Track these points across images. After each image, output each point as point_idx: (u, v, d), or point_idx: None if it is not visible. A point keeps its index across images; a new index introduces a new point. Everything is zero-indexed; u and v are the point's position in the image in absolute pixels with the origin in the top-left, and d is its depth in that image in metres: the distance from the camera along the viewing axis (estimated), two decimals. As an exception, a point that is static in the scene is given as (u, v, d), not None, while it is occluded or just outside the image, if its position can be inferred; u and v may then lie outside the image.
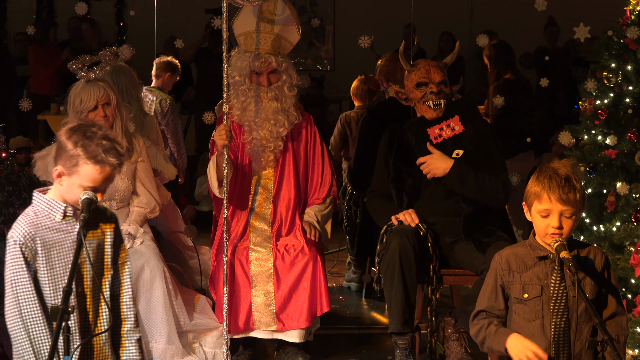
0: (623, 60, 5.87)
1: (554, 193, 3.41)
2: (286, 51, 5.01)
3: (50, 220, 3.37)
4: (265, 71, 4.93)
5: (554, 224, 3.42)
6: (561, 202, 3.41)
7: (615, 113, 5.87)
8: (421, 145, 4.81)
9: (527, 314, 3.49)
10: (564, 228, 3.43)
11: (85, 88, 4.82)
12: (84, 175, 3.26)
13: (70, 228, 3.37)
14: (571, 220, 3.45)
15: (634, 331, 4.54)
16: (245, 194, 5.02)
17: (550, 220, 3.43)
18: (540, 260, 3.51)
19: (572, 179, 3.46)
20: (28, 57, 10.24)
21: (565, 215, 3.43)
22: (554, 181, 3.44)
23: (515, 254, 3.58)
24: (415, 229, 4.69)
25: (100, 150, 3.22)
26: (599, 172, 5.86)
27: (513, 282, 3.55)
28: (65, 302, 3.09)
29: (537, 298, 3.48)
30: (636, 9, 5.85)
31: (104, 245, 3.40)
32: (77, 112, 4.77)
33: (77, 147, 3.24)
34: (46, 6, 11.27)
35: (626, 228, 5.02)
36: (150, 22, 6.47)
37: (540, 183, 3.47)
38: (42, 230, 3.36)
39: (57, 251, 3.36)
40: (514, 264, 3.57)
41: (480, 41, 5.75)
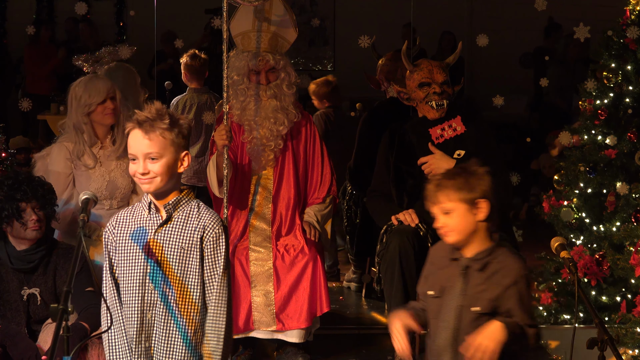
0: (623, 60, 5.87)
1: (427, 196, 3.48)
2: (284, 50, 5.01)
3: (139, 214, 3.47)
4: (263, 69, 4.93)
5: (438, 224, 3.43)
6: (432, 202, 3.45)
7: (615, 113, 5.87)
8: (423, 146, 4.81)
9: (431, 311, 3.50)
10: (449, 224, 3.41)
11: (92, 82, 4.79)
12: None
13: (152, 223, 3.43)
14: (451, 217, 3.41)
15: (633, 331, 4.54)
16: (244, 194, 5.02)
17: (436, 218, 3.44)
18: (451, 262, 3.48)
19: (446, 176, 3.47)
20: (24, 57, 10.25)
21: (444, 212, 3.42)
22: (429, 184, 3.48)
23: (442, 249, 3.56)
24: (415, 229, 4.69)
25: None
26: (599, 172, 5.86)
27: (428, 275, 3.57)
28: (65, 302, 3.09)
29: (438, 298, 3.47)
30: (636, 9, 5.85)
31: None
32: (84, 106, 4.71)
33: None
34: (46, 6, 11.26)
35: (626, 228, 5.03)
36: (150, 22, 6.48)
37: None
38: (126, 223, 3.46)
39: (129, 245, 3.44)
40: (436, 257, 3.58)
41: (479, 41, 5.75)
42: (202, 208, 3.45)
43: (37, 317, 4.36)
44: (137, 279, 3.39)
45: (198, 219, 3.41)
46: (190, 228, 3.39)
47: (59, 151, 4.75)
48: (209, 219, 3.41)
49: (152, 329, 3.41)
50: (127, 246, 3.42)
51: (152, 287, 3.38)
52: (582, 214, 5.94)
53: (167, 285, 3.36)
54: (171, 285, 3.37)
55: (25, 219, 4.29)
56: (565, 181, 6.08)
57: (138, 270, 3.39)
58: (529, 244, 6.33)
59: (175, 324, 3.39)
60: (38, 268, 4.35)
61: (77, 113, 4.74)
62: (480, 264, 3.41)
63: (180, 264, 3.37)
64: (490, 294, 3.37)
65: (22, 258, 4.34)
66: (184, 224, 3.38)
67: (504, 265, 3.42)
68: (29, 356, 4.13)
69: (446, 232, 3.43)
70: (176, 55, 8.15)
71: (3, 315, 4.30)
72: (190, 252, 3.37)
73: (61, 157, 4.74)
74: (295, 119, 4.99)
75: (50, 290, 4.35)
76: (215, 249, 3.41)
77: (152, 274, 3.38)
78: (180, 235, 3.40)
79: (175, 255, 3.37)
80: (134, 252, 3.41)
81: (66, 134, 4.81)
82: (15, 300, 4.33)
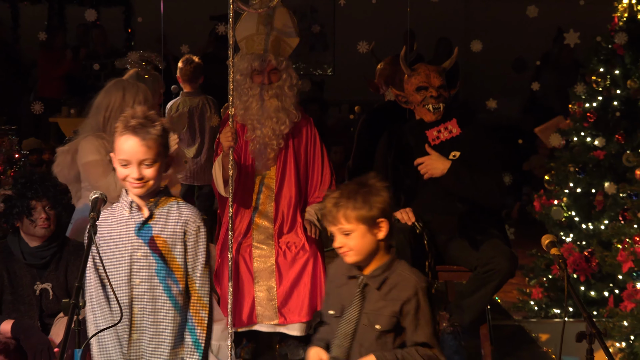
0: (611, 64, 5.89)
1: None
2: (286, 53, 5.00)
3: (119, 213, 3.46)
4: (265, 70, 4.94)
5: (334, 244, 3.27)
6: (330, 222, 3.27)
7: (604, 116, 5.89)
8: (420, 147, 4.82)
9: (333, 331, 3.33)
10: (349, 245, 3.24)
11: (139, 88, 4.75)
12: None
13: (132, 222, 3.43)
14: (351, 238, 3.24)
15: (621, 325, 4.56)
16: (248, 193, 5.03)
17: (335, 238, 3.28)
18: (349, 279, 3.32)
19: (346, 196, 3.23)
20: (37, 62, 10.26)
21: (343, 233, 3.23)
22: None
23: (340, 266, 3.37)
24: (412, 227, 4.70)
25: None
26: (588, 172, 5.89)
27: (329, 294, 3.42)
28: (77, 297, 3.11)
29: (339, 318, 3.31)
30: (624, 16, 5.87)
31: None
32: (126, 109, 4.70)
33: None
34: (57, 13, 11.27)
35: (614, 226, 5.04)
36: (157, 29, 6.49)
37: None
38: (109, 222, 3.45)
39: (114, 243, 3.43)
40: (335, 275, 3.40)
41: (474, 46, 5.77)
42: (181, 204, 3.45)
43: (50, 311, 4.37)
44: (124, 275, 3.39)
45: (179, 214, 3.41)
46: (172, 223, 3.38)
47: (90, 143, 4.68)
48: (189, 214, 3.41)
49: (140, 323, 3.42)
50: (111, 244, 3.42)
51: (138, 283, 3.38)
52: (572, 212, 5.96)
53: (153, 280, 3.37)
54: (157, 279, 3.38)
55: (35, 217, 4.30)
56: (555, 181, 6.10)
57: (124, 267, 3.40)
58: (520, 241, 6.35)
59: (162, 316, 3.39)
60: (50, 264, 4.36)
61: (117, 113, 4.69)
62: (378, 280, 3.26)
63: (164, 259, 3.37)
64: (389, 310, 3.22)
65: (34, 254, 4.35)
66: (166, 220, 3.38)
67: (401, 279, 3.27)
68: (42, 349, 4.15)
69: (345, 253, 3.25)
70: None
71: (17, 309, 4.32)
72: (174, 246, 3.37)
73: (94, 147, 4.66)
74: (296, 119, 4.99)
75: (61, 286, 4.37)
76: (197, 242, 3.42)
77: (138, 270, 3.39)
78: (163, 230, 3.40)
79: (159, 250, 3.36)
80: (119, 250, 3.40)
81: (87, 132, 4.77)
82: (29, 295, 4.34)
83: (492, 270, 4.58)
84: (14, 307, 4.32)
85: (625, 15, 5.86)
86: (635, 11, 5.86)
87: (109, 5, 11.10)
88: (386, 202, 3.24)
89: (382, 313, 3.22)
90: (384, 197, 3.25)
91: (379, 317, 3.22)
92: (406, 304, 3.21)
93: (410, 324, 3.22)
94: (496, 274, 4.58)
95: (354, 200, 3.20)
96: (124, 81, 4.83)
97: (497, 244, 4.67)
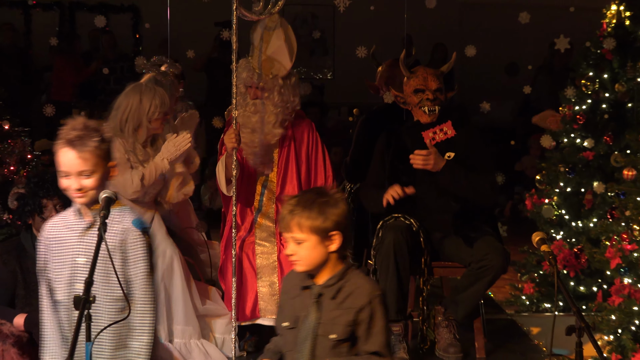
0: (600, 69, 5.89)
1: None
2: (281, 73, 4.91)
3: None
4: (253, 86, 4.93)
5: (287, 251, 3.14)
6: (283, 228, 3.13)
7: (593, 118, 5.89)
8: (416, 147, 4.82)
9: (287, 343, 3.19)
10: (299, 254, 3.10)
11: (160, 93, 4.76)
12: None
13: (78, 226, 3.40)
14: (302, 247, 3.10)
15: (609, 319, 4.56)
16: (251, 194, 5.03)
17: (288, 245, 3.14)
18: (303, 290, 3.18)
19: (303, 204, 3.08)
20: (53, 67, 10.26)
21: (295, 241, 3.10)
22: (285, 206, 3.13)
23: (294, 277, 3.24)
24: (409, 225, 4.71)
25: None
26: (578, 172, 5.88)
27: (283, 306, 3.29)
28: (87, 292, 3.11)
29: (293, 329, 3.16)
30: (612, 22, 5.87)
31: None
32: (151, 112, 4.69)
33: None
34: (68, 19, 11.27)
35: (602, 224, 5.04)
36: (164, 34, 6.49)
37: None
38: (57, 227, 3.41)
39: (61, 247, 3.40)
40: (289, 286, 3.26)
41: (468, 52, 5.77)
42: (125, 212, 3.42)
43: (61, 306, 4.37)
44: (66, 279, 3.38)
45: (120, 222, 3.38)
46: (113, 231, 3.34)
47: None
48: (129, 222, 3.39)
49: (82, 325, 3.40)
50: (58, 247, 3.41)
51: (81, 287, 3.37)
52: (562, 210, 5.96)
53: (94, 286, 3.34)
54: (97, 285, 3.35)
55: (46, 215, 4.30)
56: (546, 181, 6.10)
57: (67, 271, 3.38)
58: (512, 238, 6.35)
59: (103, 321, 3.37)
60: (60, 260, 4.36)
61: (140, 115, 4.71)
62: (333, 290, 3.11)
63: (105, 266, 3.34)
64: (344, 319, 3.08)
65: (46, 251, 4.35)
66: (108, 228, 3.35)
67: (356, 287, 3.12)
68: None
69: (295, 261, 3.12)
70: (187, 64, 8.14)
71: (29, 303, 4.31)
72: (114, 253, 3.33)
73: (113, 146, 4.68)
74: (273, 140, 4.93)
75: (72, 281, 4.36)
76: (136, 250, 3.38)
77: (80, 275, 3.37)
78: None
79: (100, 257, 3.33)
80: (63, 254, 3.39)
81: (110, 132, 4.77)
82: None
83: (485, 266, 4.58)
84: (26, 302, 4.32)
85: (613, 22, 5.86)
86: (623, 17, 5.86)
87: (117, 12, 11.09)
88: (343, 214, 3.09)
89: (337, 322, 3.09)
90: (342, 209, 3.10)
91: (334, 327, 3.09)
92: (360, 313, 3.08)
93: (363, 333, 3.09)
94: (489, 270, 4.59)
95: (310, 210, 3.06)
96: (142, 85, 4.83)
97: (490, 241, 4.68)
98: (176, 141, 4.71)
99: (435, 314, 4.89)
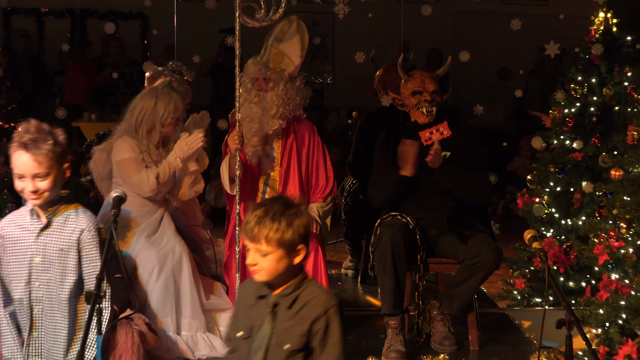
0: (588, 73, 5.89)
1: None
2: (288, 69, 4.94)
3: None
4: (260, 77, 4.91)
5: (247, 260, 2.92)
6: (248, 238, 2.90)
7: (581, 120, 5.89)
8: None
9: (241, 354, 3.01)
10: (262, 265, 2.89)
11: (175, 99, 4.74)
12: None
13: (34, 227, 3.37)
14: (266, 259, 2.88)
15: (597, 313, 4.56)
16: (254, 192, 5.03)
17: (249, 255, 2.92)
18: (259, 299, 3.00)
19: (270, 215, 2.86)
20: (66, 71, 10.26)
21: (260, 253, 2.89)
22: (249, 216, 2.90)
23: (250, 286, 3.06)
24: (405, 223, 4.70)
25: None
26: (567, 172, 5.88)
27: (237, 315, 3.08)
28: (98, 288, 3.11)
29: (248, 339, 2.99)
30: (600, 29, 5.87)
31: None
32: (164, 117, 4.69)
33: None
34: (79, 26, 11.27)
35: (590, 222, 5.04)
36: (171, 40, 6.49)
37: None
38: (12, 227, 3.40)
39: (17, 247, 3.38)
40: (244, 295, 3.08)
41: (462, 57, 5.77)
42: (80, 212, 3.39)
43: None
44: (24, 278, 3.37)
45: (76, 222, 3.35)
46: (68, 230, 3.31)
47: (125, 142, 4.69)
48: (85, 222, 3.33)
49: (39, 322, 3.39)
50: (15, 247, 3.39)
51: (37, 285, 3.35)
52: (552, 209, 5.95)
53: (50, 284, 3.33)
54: (53, 283, 3.34)
55: None
56: (537, 180, 6.10)
57: (24, 270, 3.37)
58: (505, 236, 6.34)
59: (58, 317, 3.35)
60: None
61: (154, 118, 4.70)
62: (289, 299, 2.94)
63: (60, 264, 3.31)
64: (299, 329, 2.90)
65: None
66: (63, 227, 3.30)
67: (312, 297, 2.94)
68: None
69: (256, 271, 2.91)
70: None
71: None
72: (68, 252, 3.31)
73: (129, 146, 4.68)
74: (270, 130, 4.87)
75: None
76: (91, 250, 3.36)
77: (37, 274, 3.36)
78: (59, 237, 3.34)
79: (56, 256, 3.30)
80: (21, 253, 3.37)
81: (122, 133, 4.78)
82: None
83: (479, 262, 4.58)
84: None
85: (601, 29, 5.86)
86: (610, 25, 5.86)
87: (126, 19, 11.10)
88: (308, 226, 2.92)
89: (292, 332, 2.91)
90: (307, 220, 2.92)
91: (288, 337, 2.91)
92: (315, 323, 2.90)
93: (319, 344, 2.90)
94: (483, 266, 4.58)
95: (278, 223, 2.85)
96: (158, 89, 4.83)
97: (483, 239, 4.67)
98: (188, 140, 4.71)
99: (431, 308, 4.88)
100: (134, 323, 4.20)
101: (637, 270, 4.43)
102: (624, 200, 4.59)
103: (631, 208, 4.51)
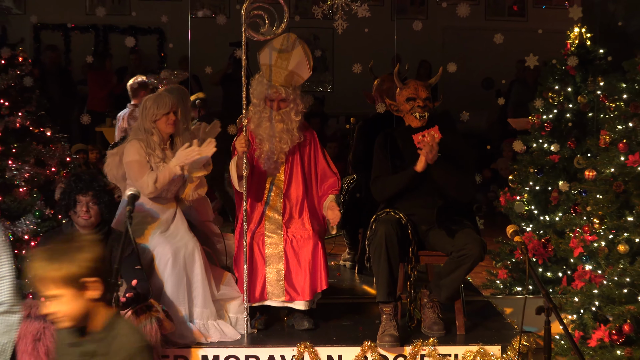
0: (564, 83, 5.88)
1: None
2: (298, 84, 4.94)
3: None
4: (276, 99, 4.91)
5: (45, 313, 2.56)
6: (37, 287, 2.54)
7: (558, 126, 5.88)
8: (408, 147, 4.80)
9: None
10: (61, 311, 2.52)
11: (161, 96, 4.79)
12: None
13: None
14: (61, 302, 2.50)
15: (572, 300, 4.54)
16: (261, 191, 5.02)
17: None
18: (71, 347, 2.63)
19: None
20: (89, 81, 10.26)
21: (53, 298, 2.52)
22: None
23: (60, 335, 2.70)
24: (399, 219, 4.69)
25: None
26: (545, 173, 5.87)
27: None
28: (115, 278, 3.09)
29: None
30: (575, 42, 5.85)
31: None
32: (152, 114, 4.72)
33: None
34: (102, 40, 11.26)
35: (567, 218, 5.02)
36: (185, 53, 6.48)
37: None
38: None
39: None
40: (58, 344, 2.72)
41: (450, 68, 5.75)
42: None
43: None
44: None
45: None
46: None
47: (132, 145, 4.72)
48: None
49: None
50: None
51: None
52: (532, 206, 5.94)
53: None
54: None
55: (78, 209, 4.29)
56: (518, 180, 6.09)
57: None
58: (489, 230, 6.33)
59: None
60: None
61: (146, 120, 4.74)
62: (99, 342, 2.57)
63: None
64: None
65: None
66: None
67: (121, 337, 2.56)
68: None
69: (57, 320, 2.52)
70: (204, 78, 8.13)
71: None
72: None
73: (135, 149, 4.70)
74: (299, 140, 4.94)
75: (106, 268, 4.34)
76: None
77: None
78: None
79: None
80: None
81: (134, 137, 4.79)
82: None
83: (465, 254, 4.56)
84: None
85: (576, 42, 5.85)
86: (585, 39, 5.85)
87: (145, 34, 11.08)
88: (96, 258, 2.52)
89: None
90: (94, 253, 2.52)
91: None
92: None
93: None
94: (468, 258, 4.57)
95: (59, 262, 2.47)
96: (153, 94, 4.87)
97: (469, 233, 4.66)
98: (186, 152, 4.70)
99: (421, 296, 4.87)
100: (153, 309, 4.19)
101: (609, 261, 4.42)
102: (596, 198, 4.58)
103: (603, 205, 4.49)
